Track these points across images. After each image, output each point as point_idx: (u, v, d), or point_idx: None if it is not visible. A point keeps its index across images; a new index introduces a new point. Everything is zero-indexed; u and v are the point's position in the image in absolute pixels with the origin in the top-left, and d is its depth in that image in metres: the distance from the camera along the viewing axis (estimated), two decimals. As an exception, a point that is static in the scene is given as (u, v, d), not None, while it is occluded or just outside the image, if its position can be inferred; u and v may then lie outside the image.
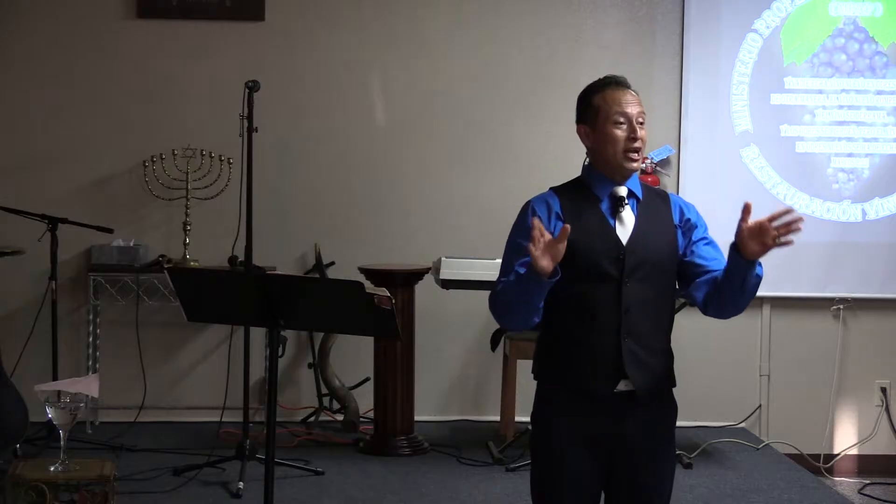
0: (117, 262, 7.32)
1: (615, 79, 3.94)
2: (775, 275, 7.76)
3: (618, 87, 3.91)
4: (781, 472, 6.95)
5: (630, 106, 3.86)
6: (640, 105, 3.89)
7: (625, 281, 3.79)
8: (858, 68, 7.81)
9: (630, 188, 3.89)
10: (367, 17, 7.73)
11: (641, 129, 3.85)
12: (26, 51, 7.57)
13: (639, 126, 3.85)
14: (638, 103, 3.88)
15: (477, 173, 7.82)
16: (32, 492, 4.95)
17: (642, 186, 3.94)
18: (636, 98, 3.90)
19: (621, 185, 3.88)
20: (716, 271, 3.84)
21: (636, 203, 3.89)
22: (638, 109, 3.86)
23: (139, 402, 7.42)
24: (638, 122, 3.85)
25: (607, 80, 3.96)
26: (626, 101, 3.87)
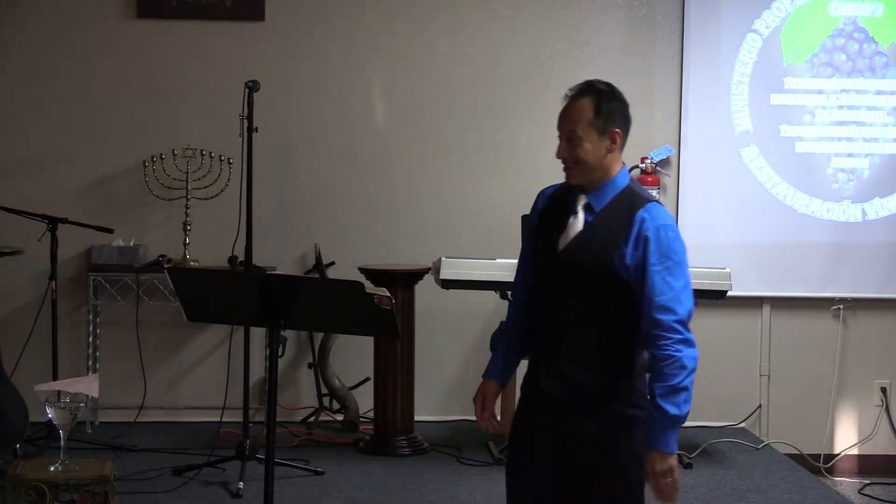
0: (117, 262, 7.32)
1: (571, 89, 3.93)
2: (775, 275, 7.82)
3: (566, 99, 3.92)
4: (781, 472, 6.95)
5: (562, 123, 3.88)
6: (574, 120, 3.84)
7: (556, 287, 3.83)
8: (858, 68, 7.81)
9: (591, 200, 3.87)
10: (366, 18, 7.73)
11: (571, 145, 3.84)
12: (26, 50, 7.57)
13: (567, 143, 3.85)
14: (570, 119, 3.85)
15: (477, 173, 7.82)
16: (32, 492, 4.95)
17: (617, 199, 3.86)
18: (572, 111, 3.86)
19: (584, 194, 3.89)
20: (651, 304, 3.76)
21: (592, 216, 3.87)
22: (568, 126, 3.85)
23: (139, 402, 7.42)
24: (570, 140, 3.84)
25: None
26: (561, 118, 3.90)
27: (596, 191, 3.86)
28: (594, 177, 3.85)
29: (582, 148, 3.81)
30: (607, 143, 3.84)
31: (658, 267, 3.75)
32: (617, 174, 3.87)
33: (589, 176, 3.85)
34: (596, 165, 3.84)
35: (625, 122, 3.88)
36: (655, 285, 3.75)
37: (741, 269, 7.47)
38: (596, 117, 3.82)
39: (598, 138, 3.82)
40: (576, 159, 3.83)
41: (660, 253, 3.76)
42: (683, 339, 3.76)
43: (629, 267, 3.77)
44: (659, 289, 3.74)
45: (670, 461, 3.76)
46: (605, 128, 3.83)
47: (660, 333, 3.72)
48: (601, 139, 3.83)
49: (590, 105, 3.83)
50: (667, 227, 3.79)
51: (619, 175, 3.88)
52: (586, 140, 3.81)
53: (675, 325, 3.73)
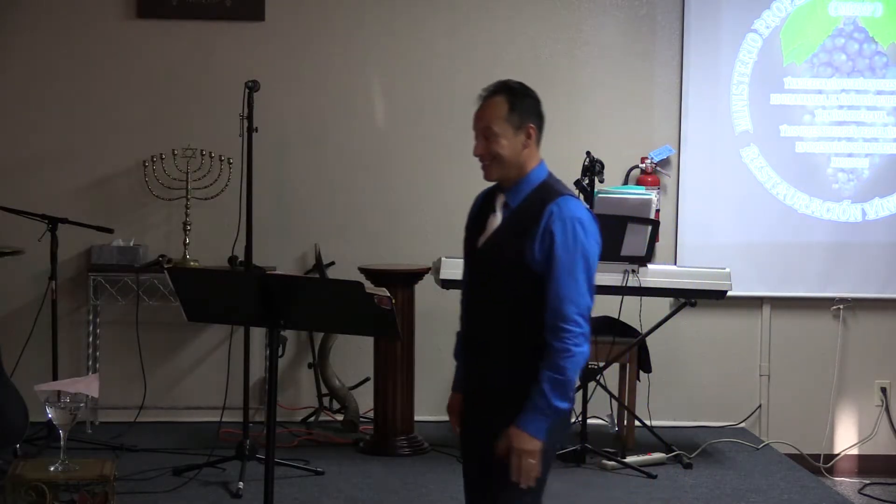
0: (117, 262, 7.32)
1: (485, 89, 4.01)
2: (775, 275, 7.82)
3: (478, 102, 4.00)
4: (781, 472, 6.95)
5: (477, 121, 3.97)
6: (488, 117, 3.93)
7: (476, 285, 3.89)
8: (858, 68, 7.81)
9: (507, 197, 3.95)
10: (366, 18, 7.73)
11: (486, 142, 3.93)
12: (26, 50, 7.57)
13: (482, 139, 3.94)
14: (485, 116, 3.94)
15: (477, 173, 7.76)
16: (32, 492, 4.95)
17: (532, 195, 3.92)
18: (487, 108, 3.95)
19: (506, 192, 3.96)
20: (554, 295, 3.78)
21: (509, 212, 3.94)
22: (483, 123, 3.94)
23: (139, 402, 7.42)
24: (485, 137, 3.93)
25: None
26: (476, 116, 3.98)
27: (512, 188, 3.95)
28: (511, 173, 3.93)
29: (498, 143, 3.90)
30: (523, 139, 3.92)
31: (563, 259, 3.79)
32: (533, 170, 3.95)
33: (506, 172, 3.93)
34: (512, 161, 3.92)
35: (539, 118, 3.97)
36: (560, 277, 3.78)
37: (741, 269, 7.47)
38: (510, 113, 3.91)
39: (513, 134, 3.91)
40: (493, 155, 3.92)
41: (565, 245, 3.80)
42: (583, 333, 3.76)
43: (539, 261, 3.81)
44: (563, 281, 3.77)
45: (536, 445, 3.77)
46: (521, 123, 3.91)
47: (561, 325, 3.74)
48: (516, 134, 3.91)
49: (504, 102, 3.92)
50: (574, 220, 3.82)
51: (535, 170, 3.95)
52: (502, 136, 3.90)
53: (576, 317, 3.75)
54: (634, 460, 6.79)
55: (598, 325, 6.98)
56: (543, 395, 3.74)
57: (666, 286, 6.98)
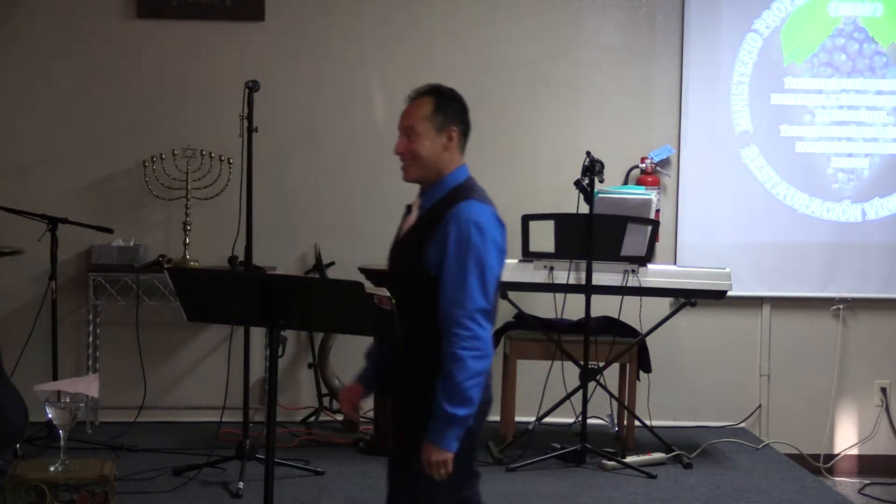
0: (117, 262, 7.32)
1: (410, 94, 4.06)
2: (775, 275, 7.82)
3: (406, 102, 4.05)
4: (781, 472, 6.95)
5: (401, 119, 4.00)
6: (412, 116, 3.97)
7: (389, 285, 3.88)
8: (858, 68, 7.81)
9: (423, 198, 4.00)
10: (366, 17, 7.73)
11: (408, 140, 3.95)
12: (26, 50, 7.57)
13: (408, 139, 3.96)
14: (408, 115, 3.98)
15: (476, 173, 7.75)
16: (32, 492, 4.95)
17: (445, 197, 3.95)
18: (412, 108, 4.00)
19: (422, 194, 4.00)
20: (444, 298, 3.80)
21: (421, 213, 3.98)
22: (406, 122, 3.97)
23: (139, 402, 7.42)
24: (407, 135, 3.96)
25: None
26: (401, 115, 4.02)
27: (429, 189, 3.99)
28: (430, 174, 3.97)
29: (419, 143, 3.94)
30: (444, 141, 3.97)
31: (455, 262, 3.79)
32: (450, 173, 4.00)
33: (424, 172, 3.97)
34: (431, 162, 3.95)
35: (463, 124, 4.03)
36: (449, 280, 3.78)
37: (741, 269, 7.48)
38: (434, 114, 3.96)
39: (434, 135, 3.95)
40: (412, 154, 3.95)
41: (458, 248, 3.80)
42: (472, 337, 3.74)
43: (435, 263, 3.83)
44: (452, 284, 3.78)
45: (445, 456, 3.79)
46: (443, 125, 3.96)
47: (450, 329, 3.75)
48: (438, 136, 3.96)
49: (429, 103, 3.98)
50: (471, 223, 3.83)
51: (452, 174, 4.00)
52: (423, 136, 3.94)
53: (464, 320, 3.74)
54: (634, 460, 6.79)
55: (598, 325, 7.00)
56: (438, 404, 3.76)
57: (666, 286, 6.98)
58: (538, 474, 6.61)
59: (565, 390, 7.04)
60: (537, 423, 6.98)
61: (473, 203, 3.89)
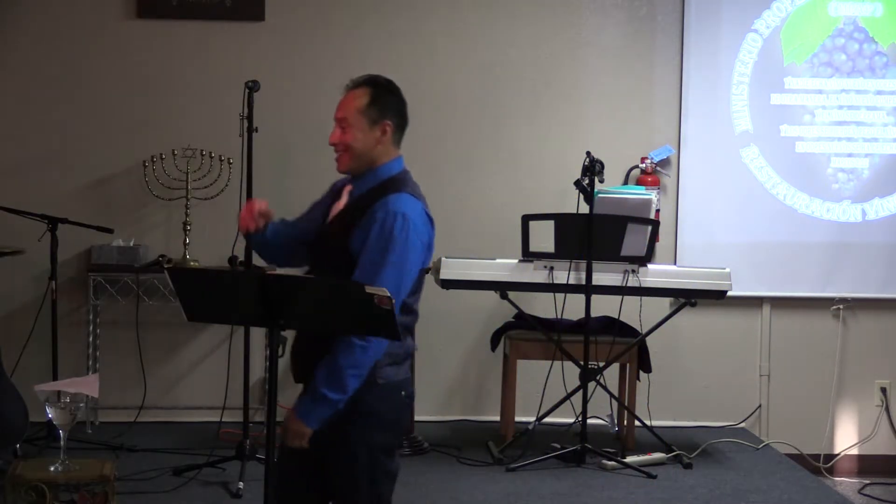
0: (117, 262, 7.31)
1: (348, 83, 4.08)
2: (775, 275, 7.82)
3: (344, 92, 4.07)
4: (781, 472, 6.95)
5: (336, 110, 4.03)
6: (346, 108, 4.00)
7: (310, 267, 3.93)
8: (858, 68, 7.81)
9: (354, 186, 4.03)
10: (366, 18, 7.73)
11: (342, 132, 3.99)
12: (26, 50, 7.57)
13: (340, 129, 3.99)
14: (343, 106, 4.00)
15: (476, 173, 7.82)
16: (32, 492, 4.95)
17: (377, 187, 3.98)
18: (347, 99, 4.02)
19: (354, 182, 4.03)
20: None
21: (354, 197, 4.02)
22: (338, 115, 4.00)
23: (139, 402, 7.42)
24: (341, 126, 3.99)
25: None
26: (337, 107, 4.04)
27: (360, 178, 4.02)
28: (361, 165, 4.00)
29: (352, 135, 3.97)
30: (377, 134, 4.00)
31: (373, 251, 3.84)
32: (384, 164, 4.03)
33: (357, 163, 4.00)
34: (364, 154, 3.99)
35: (399, 117, 4.06)
36: (364, 268, 3.83)
37: (741, 268, 7.48)
38: (369, 107, 3.98)
39: (368, 127, 3.99)
40: (345, 145, 3.98)
41: (380, 237, 3.85)
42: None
43: (358, 250, 3.87)
44: (366, 272, 3.83)
45: (304, 429, 3.86)
46: (378, 118, 3.99)
47: None
48: (372, 129, 3.99)
49: (365, 95, 4.00)
50: (397, 214, 3.89)
51: (386, 165, 4.04)
52: (356, 127, 3.97)
53: None
54: (634, 460, 6.80)
55: (598, 325, 7.00)
56: (316, 380, 3.82)
57: (666, 286, 6.98)
58: (538, 474, 6.61)
59: (565, 390, 7.04)
60: (537, 423, 6.98)
61: (405, 196, 3.96)
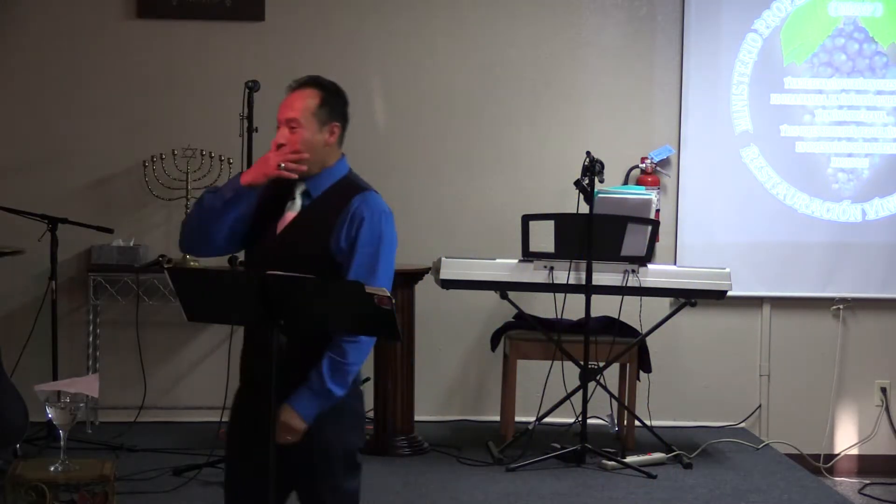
0: (117, 262, 7.31)
1: (295, 81, 4.04)
2: (775, 275, 7.82)
3: (289, 90, 4.02)
4: (781, 472, 6.95)
5: (281, 111, 3.98)
6: (297, 109, 3.95)
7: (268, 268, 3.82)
8: (858, 68, 7.81)
9: (308, 187, 3.98)
10: (366, 18, 7.73)
11: (292, 132, 3.94)
12: (26, 50, 7.57)
13: (289, 130, 3.94)
14: (292, 108, 3.96)
15: (476, 173, 7.82)
16: (32, 492, 4.94)
17: (334, 187, 3.99)
18: (296, 100, 3.98)
19: (303, 181, 3.98)
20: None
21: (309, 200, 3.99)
22: (288, 115, 3.95)
23: (139, 402, 7.43)
24: (290, 127, 3.95)
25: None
26: (282, 107, 3.99)
27: (314, 178, 3.98)
28: (313, 167, 3.97)
29: (302, 136, 3.93)
30: (326, 136, 3.97)
31: (367, 249, 3.89)
32: (334, 165, 4.02)
33: (310, 164, 3.95)
34: (315, 154, 3.95)
35: (344, 119, 4.03)
36: (361, 266, 3.88)
37: (741, 268, 7.48)
38: (319, 108, 3.96)
39: (317, 129, 3.96)
40: (296, 147, 3.93)
41: (371, 236, 3.91)
42: None
43: (343, 249, 3.89)
44: (365, 269, 3.87)
45: (301, 424, 3.85)
46: (327, 120, 3.97)
47: None
48: (321, 130, 3.96)
49: (315, 96, 3.97)
50: (382, 214, 3.97)
51: (336, 166, 4.03)
52: (306, 129, 3.94)
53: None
54: (634, 460, 6.79)
55: (598, 325, 7.00)
56: (321, 377, 3.82)
57: (666, 286, 6.98)
58: (538, 474, 6.61)
59: (565, 390, 7.04)
60: (537, 423, 6.98)
61: (376, 194, 4.03)
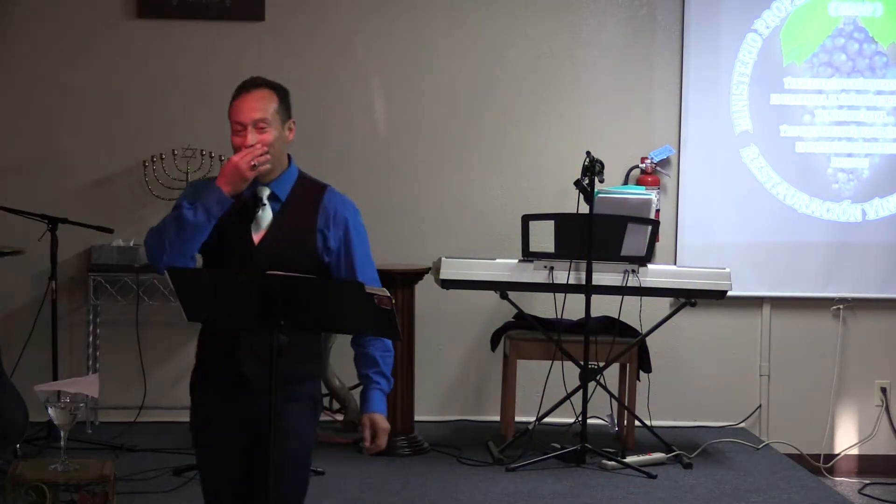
0: (117, 262, 7.31)
1: (244, 84, 4.02)
2: (775, 275, 7.82)
3: (241, 93, 3.99)
4: (781, 472, 6.95)
5: (244, 114, 3.94)
6: (262, 109, 3.94)
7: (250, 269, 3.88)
8: (858, 68, 7.81)
9: (275, 189, 3.99)
10: (366, 18, 7.73)
11: (261, 133, 3.94)
12: (26, 50, 7.57)
13: (258, 131, 3.94)
14: (257, 108, 3.94)
15: (476, 173, 7.82)
16: (32, 492, 4.94)
17: (297, 187, 4.03)
18: (258, 101, 3.96)
19: (265, 185, 3.98)
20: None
21: (279, 205, 4.00)
22: (255, 116, 3.93)
23: (139, 402, 7.42)
24: (258, 128, 3.94)
25: (240, 85, 4.03)
26: (242, 110, 3.95)
27: (277, 180, 4.01)
28: (275, 166, 3.99)
29: (270, 135, 3.95)
30: (287, 133, 4.02)
31: (360, 249, 4.04)
32: (290, 163, 4.07)
33: (274, 164, 3.98)
34: (278, 154, 3.99)
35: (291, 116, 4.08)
36: (366, 267, 4.04)
37: (741, 269, 7.48)
38: (279, 107, 3.99)
39: (280, 127, 3.99)
40: (267, 146, 3.94)
41: (358, 233, 4.05)
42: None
43: (332, 249, 3.97)
44: (369, 264, 4.06)
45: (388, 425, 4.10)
46: (286, 118, 4.02)
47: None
48: (283, 128, 4.01)
49: (273, 95, 4.00)
50: (355, 210, 4.09)
51: (291, 164, 4.08)
52: (273, 128, 3.96)
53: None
54: (634, 460, 6.79)
55: (598, 325, 7.00)
56: (384, 377, 4.01)
57: (666, 286, 6.98)
58: (538, 474, 6.61)
59: (565, 390, 7.04)
60: (537, 423, 6.98)
61: (337, 191, 4.11)
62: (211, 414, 4.10)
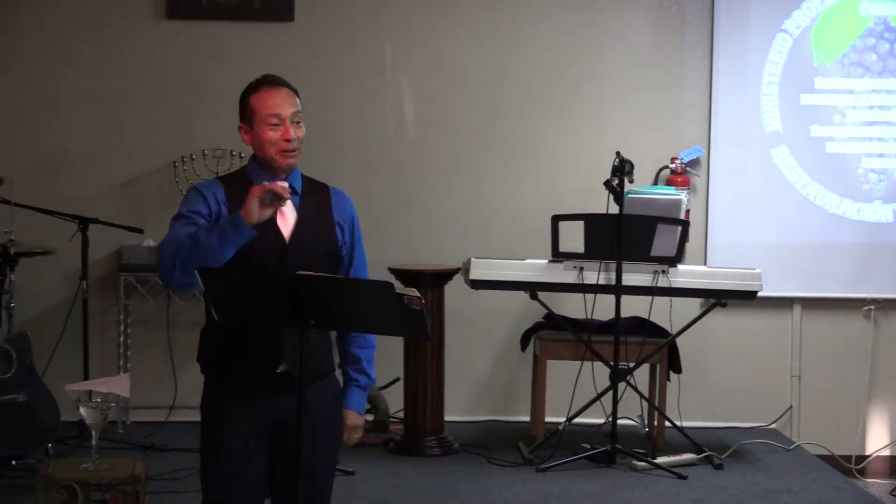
0: (147, 262, 7.33)
1: (269, 79, 4.05)
2: (806, 275, 7.79)
3: (271, 87, 4.02)
4: (812, 474, 6.93)
5: (282, 107, 3.98)
6: (296, 104, 4.01)
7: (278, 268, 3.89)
8: (889, 68, 7.78)
9: (291, 183, 4.00)
10: (395, 19, 7.74)
11: (297, 128, 4.00)
12: (57, 51, 7.61)
13: (294, 125, 3.99)
14: (292, 103, 4.00)
15: (505, 175, 7.81)
16: (64, 491, 4.97)
17: (304, 181, 4.07)
18: (291, 97, 4.01)
19: (283, 180, 3.98)
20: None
21: (298, 198, 4.02)
22: (292, 110, 3.99)
23: (170, 402, 7.45)
24: (294, 122, 3.99)
25: (262, 80, 4.06)
26: (279, 103, 3.99)
27: (292, 175, 4.04)
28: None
29: (302, 131, 4.03)
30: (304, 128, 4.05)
31: (360, 245, 4.15)
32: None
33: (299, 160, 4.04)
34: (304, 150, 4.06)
35: None
36: (364, 263, 4.14)
37: (772, 269, 7.45)
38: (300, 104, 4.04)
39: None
40: (300, 142, 4.03)
41: (359, 231, 4.18)
42: None
43: (346, 243, 4.07)
44: (364, 267, 4.14)
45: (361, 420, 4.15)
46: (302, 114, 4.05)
47: None
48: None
49: (294, 93, 4.06)
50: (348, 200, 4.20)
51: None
52: (302, 123, 4.04)
53: None
54: (665, 461, 6.78)
55: (628, 325, 6.99)
56: (364, 371, 4.11)
57: (696, 287, 6.97)
58: (568, 475, 6.60)
59: (595, 391, 7.04)
60: (567, 423, 6.97)
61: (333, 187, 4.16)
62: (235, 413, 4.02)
